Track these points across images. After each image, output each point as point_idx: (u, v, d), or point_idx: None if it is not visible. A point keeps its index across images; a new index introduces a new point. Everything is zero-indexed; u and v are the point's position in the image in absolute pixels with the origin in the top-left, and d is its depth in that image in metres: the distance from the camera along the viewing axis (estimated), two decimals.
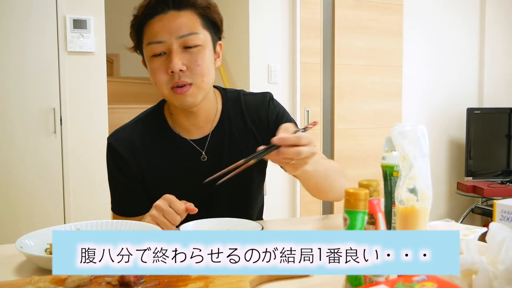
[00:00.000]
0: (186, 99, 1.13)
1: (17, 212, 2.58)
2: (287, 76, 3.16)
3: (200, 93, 1.14)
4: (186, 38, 1.10)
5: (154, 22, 1.11)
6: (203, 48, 1.12)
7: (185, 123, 1.22)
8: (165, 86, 1.13)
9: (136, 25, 1.15)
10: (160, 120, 1.25)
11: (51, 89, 2.63)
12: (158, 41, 1.10)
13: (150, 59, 1.13)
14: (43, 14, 2.59)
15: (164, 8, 1.11)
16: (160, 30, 1.10)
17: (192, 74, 1.11)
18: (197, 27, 1.12)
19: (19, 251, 0.86)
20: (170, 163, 1.21)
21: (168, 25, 1.10)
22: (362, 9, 3.35)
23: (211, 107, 1.24)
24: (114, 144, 1.22)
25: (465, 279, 0.66)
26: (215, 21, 1.17)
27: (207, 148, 1.22)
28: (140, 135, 1.23)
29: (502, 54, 3.85)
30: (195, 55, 1.11)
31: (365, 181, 0.69)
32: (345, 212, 0.65)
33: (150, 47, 1.12)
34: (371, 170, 3.31)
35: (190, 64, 1.11)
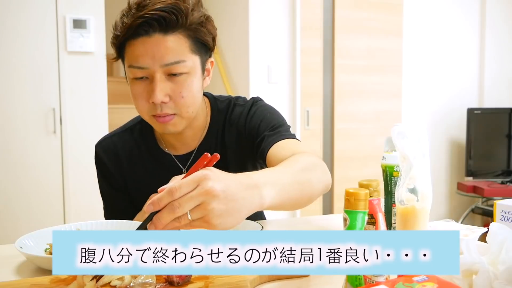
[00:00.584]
0: (167, 128, 1.05)
1: (17, 212, 2.58)
2: (287, 76, 3.16)
3: (183, 122, 1.07)
4: (171, 66, 0.99)
5: (136, 44, 0.99)
6: (189, 75, 1.02)
7: (170, 139, 1.18)
8: (146, 113, 1.05)
9: (117, 44, 1.05)
10: (147, 132, 1.20)
11: (51, 89, 2.63)
12: (140, 67, 1.00)
13: (131, 81, 1.04)
14: (43, 14, 2.59)
15: (148, 31, 0.98)
16: (142, 55, 0.99)
17: (176, 106, 1.02)
18: (184, 54, 1.00)
19: (19, 251, 0.86)
20: (152, 178, 1.18)
21: (152, 50, 0.98)
22: (362, 9, 3.35)
23: (199, 124, 1.16)
24: (100, 154, 1.21)
25: (465, 279, 0.66)
26: (206, 43, 1.05)
27: (189, 166, 1.17)
28: (126, 146, 1.20)
29: (502, 54, 3.85)
30: (180, 85, 1.01)
31: (365, 181, 0.69)
32: (345, 212, 0.65)
33: (131, 70, 1.01)
34: (371, 170, 3.31)
35: (174, 95, 1.01)
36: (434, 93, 3.70)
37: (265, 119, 1.14)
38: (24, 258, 0.91)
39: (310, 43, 3.19)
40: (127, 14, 1.02)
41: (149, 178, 1.19)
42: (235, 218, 0.67)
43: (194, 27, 1.01)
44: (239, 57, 3.19)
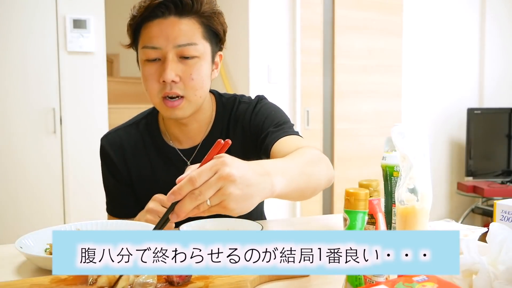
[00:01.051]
0: (175, 112, 1.08)
1: (17, 212, 2.58)
2: (287, 76, 3.16)
3: (191, 107, 1.09)
4: (183, 48, 1.04)
5: (152, 26, 1.04)
6: (200, 60, 1.06)
7: (175, 132, 1.19)
8: (156, 95, 1.07)
9: (133, 25, 1.08)
10: (153, 126, 1.22)
11: (51, 89, 2.63)
12: (154, 47, 1.04)
13: (143, 63, 1.08)
14: (43, 14, 2.59)
15: (165, 13, 1.03)
16: (157, 35, 1.04)
17: (185, 87, 1.06)
18: (197, 37, 1.05)
19: (19, 251, 0.86)
20: (156, 171, 1.20)
21: (166, 31, 1.03)
22: (362, 9, 3.35)
23: (204, 117, 1.19)
24: (105, 147, 1.22)
25: (465, 279, 0.66)
26: (218, 32, 1.11)
27: (193, 159, 1.18)
28: (131, 139, 1.21)
29: (502, 54, 3.85)
30: (191, 67, 1.05)
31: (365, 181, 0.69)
32: (345, 212, 0.65)
33: (145, 51, 1.06)
34: (371, 170, 3.31)
35: (184, 76, 1.05)
36: (434, 93, 3.70)
37: (270, 116, 1.16)
38: (24, 258, 0.91)
39: (310, 43, 3.19)
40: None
41: (154, 171, 1.20)
42: (249, 204, 0.69)
43: (207, 15, 1.07)
44: (239, 57, 3.19)
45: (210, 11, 1.07)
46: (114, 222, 1.05)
